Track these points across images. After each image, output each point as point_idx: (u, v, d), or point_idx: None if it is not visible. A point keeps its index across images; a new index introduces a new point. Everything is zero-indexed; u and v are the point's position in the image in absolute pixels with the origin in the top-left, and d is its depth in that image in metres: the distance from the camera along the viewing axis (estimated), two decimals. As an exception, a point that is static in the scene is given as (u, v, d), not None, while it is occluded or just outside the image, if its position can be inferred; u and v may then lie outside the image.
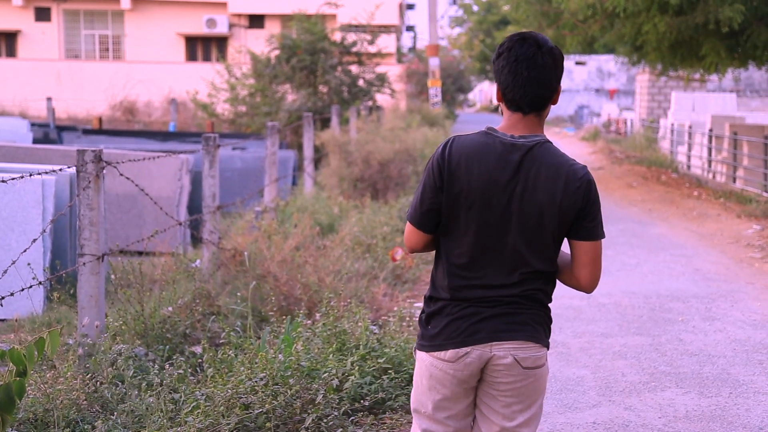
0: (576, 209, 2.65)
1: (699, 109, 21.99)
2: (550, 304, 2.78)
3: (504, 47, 2.69)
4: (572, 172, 2.66)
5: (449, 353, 2.67)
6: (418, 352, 2.77)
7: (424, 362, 2.73)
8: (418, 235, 2.75)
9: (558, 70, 2.69)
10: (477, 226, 2.67)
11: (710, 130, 17.07)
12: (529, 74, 2.64)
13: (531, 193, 2.64)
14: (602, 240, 2.73)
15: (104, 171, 4.96)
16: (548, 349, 2.77)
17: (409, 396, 3.58)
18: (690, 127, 18.92)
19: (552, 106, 2.75)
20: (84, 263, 4.86)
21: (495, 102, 2.78)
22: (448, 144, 2.70)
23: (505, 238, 2.67)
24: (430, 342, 2.71)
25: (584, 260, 2.71)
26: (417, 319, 4.51)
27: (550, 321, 2.78)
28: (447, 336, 2.68)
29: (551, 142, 2.73)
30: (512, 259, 2.67)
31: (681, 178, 17.40)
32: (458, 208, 2.67)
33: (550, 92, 2.68)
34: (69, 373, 4.23)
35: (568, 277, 2.79)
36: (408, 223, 2.77)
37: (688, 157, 18.67)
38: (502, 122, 2.75)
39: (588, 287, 2.76)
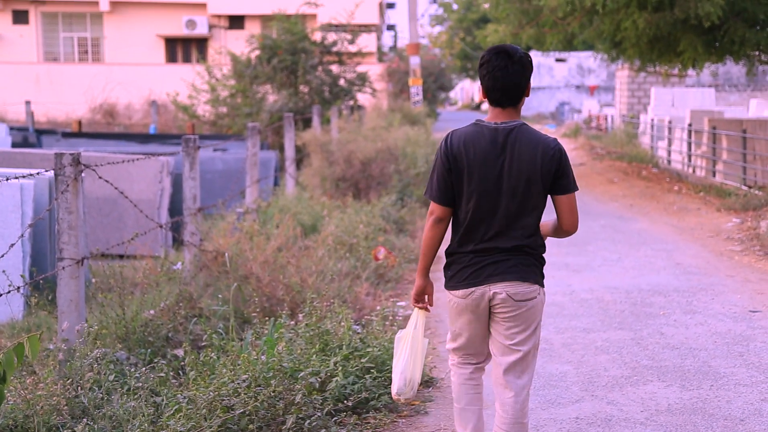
0: (553, 172, 3.52)
1: (678, 104, 22.11)
2: (543, 252, 3.62)
3: (484, 59, 3.55)
4: (546, 144, 3.53)
5: (461, 292, 3.60)
6: (445, 290, 3.70)
7: (448, 297, 3.67)
8: (440, 209, 3.58)
9: (526, 73, 3.55)
10: (477, 195, 3.52)
11: (689, 125, 17.18)
12: (504, 80, 3.52)
13: (517, 165, 3.50)
14: (575, 192, 3.57)
15: (83, 174, 4.93)
16: (540, 285, 3.60)
17: (392, 395, 4.24)
18: (670, 122, 19.03)
19: (532, 102, 3.19)
20: (63, 267, 4.83)
21: (479, 99, 3.42)
22: (449, 136, 3.59)
23: (499, 203, 3.51)
24: (449, 283, 3.65)
25: (564, 209, 3.58)
26: (400, 316, 6.30)
27: (540, 263, 3.61)
28: (458, 279, 3.60)
29: (527, 125, 3.56)
30: (505, 219, 3.52)
31: (661, 172, 17.50)
32: (462, 182, 3.54)
33: (521, 91, 3.56)
34: (49, 379, 4.20)
35: (555, 229, 3.66)
36: (432, 202, 3.60)
37: (669, 152, 18.78)
38: (488, 115, 3.61)
39: (570, 229, 3.62)
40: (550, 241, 3.92)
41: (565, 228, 3.60)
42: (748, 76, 15.41)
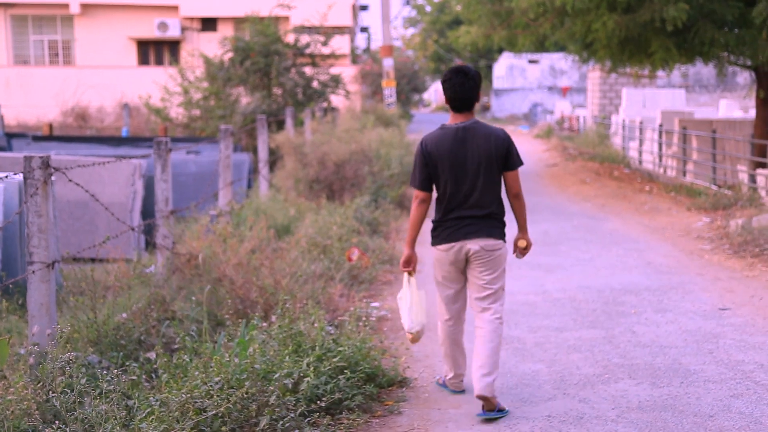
0: (503, 155, 4.81)
1: (649, 105, 22.33)
2: (504, 216, 4.84)
3: (446, 77, 4.80)
4: (497, 135, 4.83)
5: (444, 246, 4.82)
6: (431, 246, 4.88)
7: (434, 253, 4.88)
8: (422, 193, 4.83)
9: (477, 87, 4.83)
10: (449, 181, 4.77)
11: (660, 126, 17.35)
12: (463, 93, 4.81)
13: (476, 152, 4.77)
14: (519, 168, 4.85)
15: (53, 177, 4.90)
16: (504, 240, 4.83)
17: (366, 395, 4.94)
18: (641, 122, 19.20)
19: (505, 103, 3.80)
20: (33, 271, 4.79)
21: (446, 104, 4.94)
22: (423, 140, 4.86)
23: (467, 181, 4.76)
24: (435, 240, 4.85)
25: (510, 180, 4.86)
26: (374, 317, 6.89)
27: (503, 225, 4.84)
28: (443, 237, 4.81)
29: (480, 121, 4.83)
30: (475, 193, 4.75)
31: (633, 173, 17.65)
32: (437, 172, 4.80)
33: (474, 99, 4.84)
34: (20, 383, 4.16)
35: (510, 203, 4.93)
36: (415, 189, 4.83)
37: (640, 153, 18.95)
38: (450, 119, 4.88)
39: (515, 193, 4.86)
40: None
41: (511, 193, 4.85)
42: (718, 77, 15.57)
